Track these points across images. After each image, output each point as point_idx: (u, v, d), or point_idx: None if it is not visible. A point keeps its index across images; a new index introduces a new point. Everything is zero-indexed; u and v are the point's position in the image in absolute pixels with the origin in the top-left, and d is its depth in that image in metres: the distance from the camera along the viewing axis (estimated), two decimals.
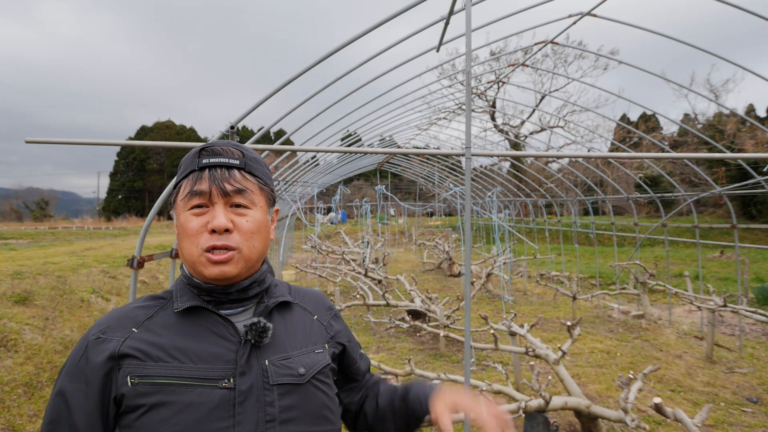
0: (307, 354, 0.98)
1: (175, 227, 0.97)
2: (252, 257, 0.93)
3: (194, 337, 0.90)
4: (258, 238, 0.95)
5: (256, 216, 0.94)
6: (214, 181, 0.90)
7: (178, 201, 0.94)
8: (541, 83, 23.67)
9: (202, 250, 0.89)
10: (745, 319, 6.88)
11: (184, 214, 0.92)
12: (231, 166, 0.93)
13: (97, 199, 56.62)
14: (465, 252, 2.52)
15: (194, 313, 0.93)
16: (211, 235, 0.89)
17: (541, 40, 5.13)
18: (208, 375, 0.86)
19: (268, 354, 0.92)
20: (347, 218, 31.83)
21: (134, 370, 0.85)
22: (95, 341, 0.87)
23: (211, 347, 0.89)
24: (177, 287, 0.97)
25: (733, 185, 6.37)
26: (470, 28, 2.46)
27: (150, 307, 0.94)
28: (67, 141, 2.41)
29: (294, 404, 0.91)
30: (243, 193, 0.92)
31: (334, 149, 3.12)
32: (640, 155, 3.15)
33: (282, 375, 0.91)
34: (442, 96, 8.95)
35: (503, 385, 3.61)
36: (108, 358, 0.85)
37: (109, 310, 6.14)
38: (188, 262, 0.93)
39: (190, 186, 0.92)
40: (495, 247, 9.88)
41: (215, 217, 0.89)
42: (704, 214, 23.37)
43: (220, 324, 0.92)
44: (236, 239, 0.91)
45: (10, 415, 3.58)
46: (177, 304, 0.93)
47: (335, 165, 13.00)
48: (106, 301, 6.33)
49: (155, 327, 0.91)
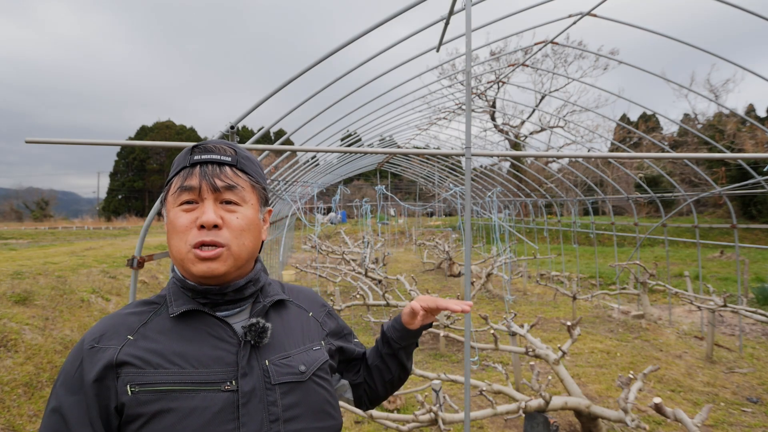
0: (306, 351, 0.98)
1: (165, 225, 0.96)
2: (241, 255, 0.92)
3: (192, 342, 0.89)
4: (248, 236, 0.93)
5: (246, 213, 0.93)
6: (205, 176, 0.90)
7: (168, 198, 0.94)
8: (541, 83, 23.69)
9: (190, 246, 0.88)
10: (745, 319, 6.88)
11: (174, 210, 0.91)
12: (222, 162, 0.93)
13: (97, 199, 56.61)
14: (465, 252, 2.52)
15: (190, 317, 0.92)
16: (199, 231, 0.88)
17: (541, 40, 5.13)
18: (209, 379, 0.85)
19: (267, 354, 0.92)
20: (347, 218, 31.82)
21: (133, 378, 0.83)
22: (90, 351, 0.85)
23: (211, 350, 0.88)
24: (170, 291, 0.95)
25: (733, 185, 6.37)
26: (470, 28, 2.46)
27: (143, 313, 0.92)
28: (67, 141, 2.41)
29: (296, 402, 0.91)
30: (233, 190, 0.92)
31: (334, 149, 3.12)
32: (640, 155, 3.15)
33: (283, 374, 0.92)
34: (442, 96, 8.95)
35: (503, 385, 3.61)
36: (105, 367, 0.83)
37: (110, 310, 6.13)
38: (177, 259, 0.92)
39: (181, 182, 0.91)
40: (495, 247, 9.88)
41: (204, 212, 0.89)
42: (704, 214, 23.36)
43: (218, 326, 0.91)
44: (225, 236, 0.90)
45: (10, 415, 3.58)
46: (172, 308, 0.92)
47: (335, 165, 13.00)
48: (106, 301, 6.33)
49: (151, 333, 0.89)
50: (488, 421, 4.02)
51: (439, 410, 3.09)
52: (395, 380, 1.19)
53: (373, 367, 1.17)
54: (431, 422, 3.01)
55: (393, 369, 1.16)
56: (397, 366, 1.16)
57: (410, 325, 1.13)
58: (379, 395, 1.20)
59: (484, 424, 4.00)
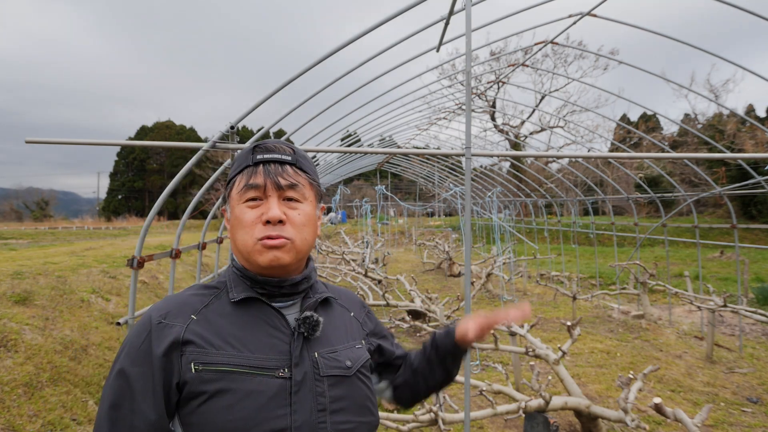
0: (350, 348, 1.03)
1: (227, 221, 1.02)
2: (303, 248, 0.98)
3: (249, 327, 0.93)
4: (308, 231, 0.99)
5: (306, 209, 0.99)
6: (269, 175, 0.96)
7: (233, 195, 0.99)
8: (541, 83, 23.68)
9: (256, 239, 0.93)
10: (745, 319, 6.88)
11: (240, 206, 0.96)
12: (284, 161, 0.99)
13: (97, 199, 56.62)
14: (465, 252, 2.52)
15: (248, 304, 0.96)
16: (265, 226, 0.94)
17: (541, 40, 5.13)
18: (266, 364, 0.89)
19: (317, 347, 0.96)
20: (347, 218, 31.81)
21: (197, 357, 0.87)
22: (159, 326, 0.89)
23: (266, 338, 0.93)
24: (230, 278, 1.00)
25: (733, 185, 6.38)
26: (470, 28, 2.46)
27: (205, 296, 0.97)
28: (67, 141, 2.42)
29: (342, 395, 0.94)
30: (295, 188, 0.97)
31: (334, 149, 3.12)
32: (640, 155, 3.15)
33: (331, 367, 0.95)
34: (442, 96, 8.95)
35: (503, 385, 3.61)
36: (172, 343, 0.87)
37: (110, 310, 6.13)
38: (242, 252, 0.96)
39: (246, 180, 0.96)
40: (495, 247, 9.88)
41: (270, 209, 0.94)
42: (704, 214, 23.36)
43: (274, 316, 0.96)
44: (289, 231, 0.95)
45: (10, 415, 3.58)
46: (232, 294, 0.96)
47: (335, 165, 13.00)
48: (106, 301, 6.33)
49: (212, 315, 0.93)
50: (488, 421, 4.02)
51: (439, 410, 3.09)
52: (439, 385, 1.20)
53: (419, 370, 1.18)
54: (431, 422, 3.01)
55: (438, 375, 1.18)
56: (443, 372, 1.18)
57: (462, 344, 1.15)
58: (419, 397, 1.22)
59: (484, 424, 4.00)
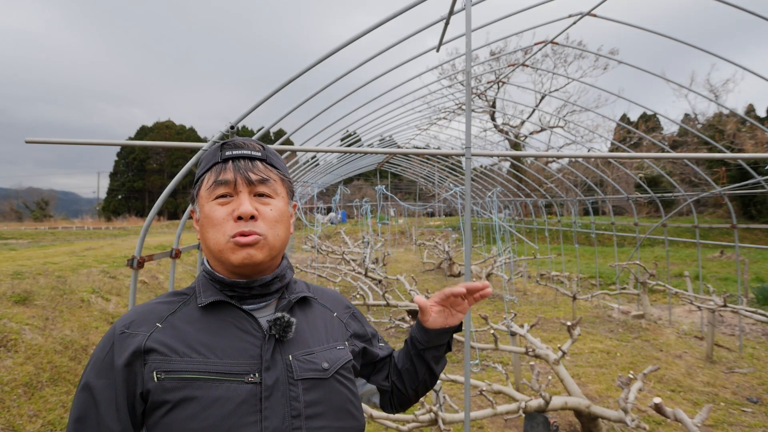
0: (329, 350, 0.99)
1: (196, 222, 0.99)
2: (276, 245, 0.95)
3: (218, 332, 0.90)
4: (281, 227, 0.96)
5: (278, 205, 0.97)
6: (239, 170, 0.93)
7: (201, 193, 0.96)
8: (541, 83, 23.68)
9: (228, 237, 0.90)
10: (745, 319, 6.88)
11: (209, 204, 0.94)
12: (253, 157, 0.96)
13: (97, 199, 56.59)
14: (465, 252, 2.52)
15: (217, 308, 0.94)
16: (236, 223, 0.91)
17: (541, 40, 5.13)
18: (233, 370, 0.86)
19: (291, 349, 0.93)
20: (347, 218, 31.81)
21: (159, 365, 0.85)
22: (121, 336, 0.87)
23: (236, 342, 0.90)
24: (199, 283, 0.98)
25: (733, 185, 6.37)
26: (470, 28, 2.46)
27: (173, 303, 0.95)
28: (68, 141, 2.42)
29: (319, 399, 0.91)
30: (266, 183, 0.95)
31: (334, 149, 3.12)
32: (640, 155, 3.15)
33: (306, 370, 0.92)
34: (442, 96, 8.94)
35: (503, 385, 3.61)
36: (134, 352, 0.85)
37: (110, 310, 6.13)
38: (214, 251, 0.93)
39: (215, 176, 0.94)
40: (495, 247, 9.88)
41: (241, 204, 0.91)
42: (704, 214, 23.36)
43: (244, 319, 0.93)
44: (261, 226, 0.92)
45: (10, 415, 3.58)
46: (200, 299, 0.94)
47: (335, 165, 13.01)
48: (106, 301, 6.33)
49: (179, 322, 0.91)
50: (488, 421, 4.02)
51: (439, 410, 3.09)
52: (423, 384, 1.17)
53: (403, 370, 1.16)
54: (431, 422, 3.01)
55: (420, 371, 1.14)
56: (425, 368, 1.14)
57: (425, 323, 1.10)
58: (409, 399, 1.19)
59: (484, 424, 4.00)
